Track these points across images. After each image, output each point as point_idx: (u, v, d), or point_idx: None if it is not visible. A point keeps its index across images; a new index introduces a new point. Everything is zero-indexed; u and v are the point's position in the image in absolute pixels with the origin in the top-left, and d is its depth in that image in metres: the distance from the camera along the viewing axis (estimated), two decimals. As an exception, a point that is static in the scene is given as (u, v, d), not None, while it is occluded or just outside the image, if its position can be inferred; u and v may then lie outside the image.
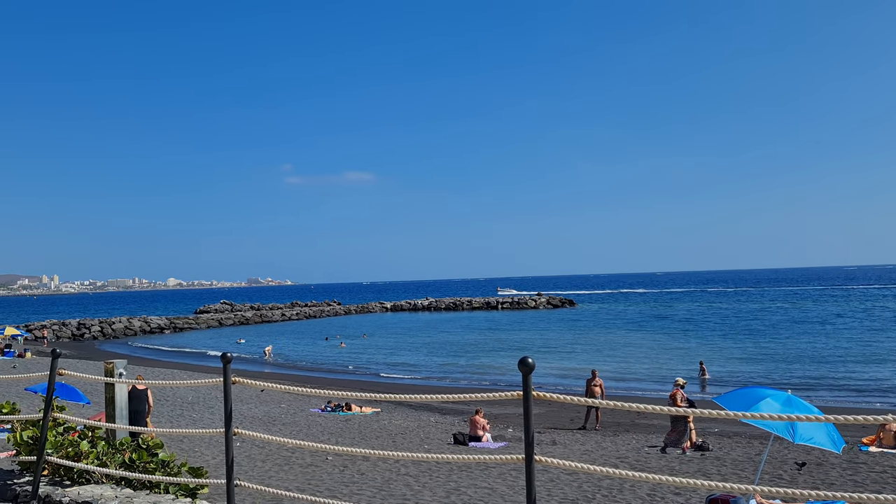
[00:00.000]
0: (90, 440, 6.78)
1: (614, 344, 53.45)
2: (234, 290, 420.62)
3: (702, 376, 34.59)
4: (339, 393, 5.68)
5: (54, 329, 73.95)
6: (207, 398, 27.42)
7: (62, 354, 6.96)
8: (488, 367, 42.33)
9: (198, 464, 8.60)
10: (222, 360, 5.44)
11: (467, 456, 4.62)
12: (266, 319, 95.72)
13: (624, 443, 19.93)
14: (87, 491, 6.17)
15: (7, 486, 6.55)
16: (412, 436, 20.84)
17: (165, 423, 21.31)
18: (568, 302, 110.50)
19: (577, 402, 4.32)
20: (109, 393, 8.28)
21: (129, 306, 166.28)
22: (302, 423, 22.68)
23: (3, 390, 24.98)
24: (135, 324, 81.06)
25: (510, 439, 20.62)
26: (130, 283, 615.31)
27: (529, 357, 3.82)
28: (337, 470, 14.27)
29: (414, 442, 19.78)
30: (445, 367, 43.26)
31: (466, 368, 42.58)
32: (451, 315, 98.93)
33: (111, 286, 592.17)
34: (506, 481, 13.09)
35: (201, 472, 6.59)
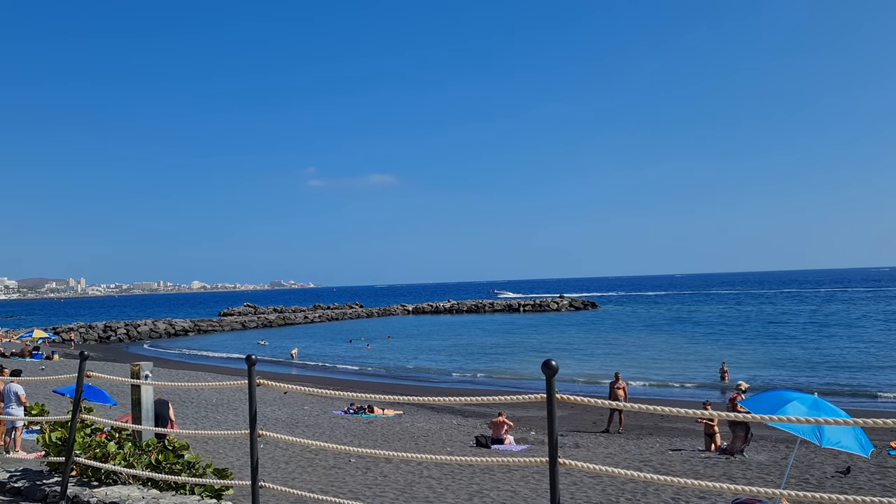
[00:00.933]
0: (117, 441, 6.86)
1: (637, 346, 53.08)
2: (257, 293, 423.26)
3: (722, 379, 34.19)
4: (361, 395, 5.69)
5: (81, 332, 74.87)
6: (231, 400, 27.61)
7: (89, 357, 7.05)
8: (511, 370, 42.22)
9: (222, 465, 8.67)
10: (247, 363, 5.47)
11: (490, 458, 4.61)
12: (289, 322, 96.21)
13: (647, 446, 19.78)
14: (115, 492, 6.24)
15: (36, 487, 6.64)
16: (434, 438, 20.83)
17: (190, 424, 21.49)
18: (590, 304, 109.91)
19: (601, 405, 4.30)
20: (135, 395, 8.35)
21: (154, 309, 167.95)
22: (325, 426, 22.77)
23: (32, 392, 25.30)
24: (160, 326, 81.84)
25: (533, 442, 20.55)
26: (155, 286, 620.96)
27: (553, 360, 3.81)
28: (360, 472, 14.31)
29: (436, 444, 19.77)
30: (468, 370, 43.20)
31: (488, 371, 42.48)
32: (473, 317, 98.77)
33: (136, 289, 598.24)
34: (528, 484, 13.05)
35: (226, 474, 6.64)
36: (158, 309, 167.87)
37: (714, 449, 18.32)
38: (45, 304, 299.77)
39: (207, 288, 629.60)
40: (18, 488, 6.74)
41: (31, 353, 47.27)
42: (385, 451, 5.50)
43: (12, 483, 6.83)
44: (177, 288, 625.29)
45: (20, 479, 6.89)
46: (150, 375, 8.04)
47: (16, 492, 6.75)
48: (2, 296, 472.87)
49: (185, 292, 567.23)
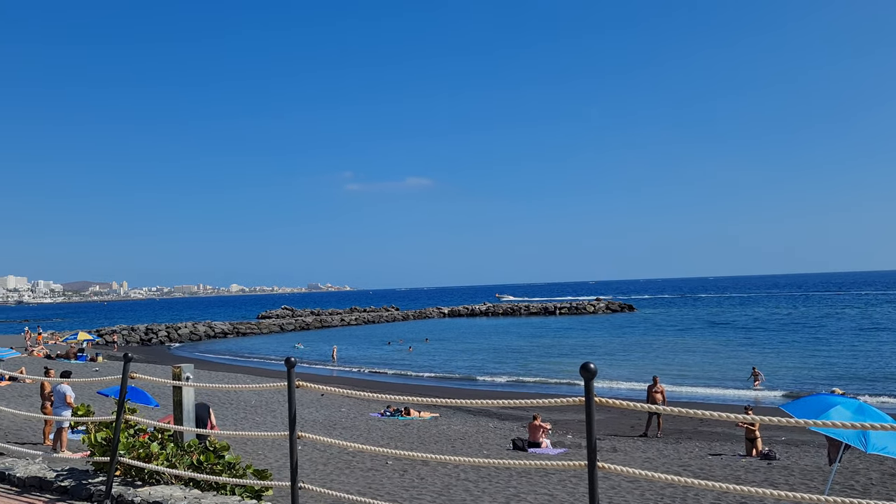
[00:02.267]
0: (160, 442, 6.99)
1: (675, 349, 52.44)
2: (294, 296, 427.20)
3: (754, 382, 33.49)
4: (397, 397, 5.73)
5: (123, 334, 76.33)
6: (270, 402, 27.90)
7: (133, 358, 7.19)
8: (547, 373, 42.00)
9: (262, 466, 8.77)
10: (287, 365, 5.54)
11: (527, 461, 4.61)
12: (326, 324, 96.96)
13: (686, 450, 19.54)
14: (158, 491, 6.36)
15: (82, 486, 6.80)
16: (471, 441, 20.82)
17: (229, 426, 21.78)
18: (627, 307, 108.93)
19: (640, 409, 4.26)
20: (177, 396, 8.51)
21: (194, 312, 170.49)
22: (362, 428, 22.89)
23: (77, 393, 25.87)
24: (200, 329, 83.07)
25: (569, 445, 20.43)
26: (195, 288, 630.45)
27: (591, 362, 3.79)
28: (397, 474, 14.36)
29: (472, 447, 19.76)
30: (504, 372, 43.08)
31: (525, 373, 42.31)
32: (509, 320, 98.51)
33: (177, 292, 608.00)
34: (566, 488, 12.97)
35: (266, 475, 6.72)
36: (198, 311, 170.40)
37: (755, 454, 18.03)
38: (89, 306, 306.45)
39: (246, 291, 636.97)
40: (65, 487, 6.90)
41: (75, 355, 48.34)
42: (422, 454, 5.53)
43: (59, 482, 6.99)
44: (216, 291, 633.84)
45: (67, 478, 7.05)
46: (192, 377, 8.18)
47: (63, 490, 6.91)
48: (48, 299, 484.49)
49: (224, 295, 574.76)
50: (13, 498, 6.93)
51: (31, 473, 7.35)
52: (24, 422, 20.85)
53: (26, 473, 7.38)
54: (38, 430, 19.56)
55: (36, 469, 7.51)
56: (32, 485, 7.23)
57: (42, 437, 18.41)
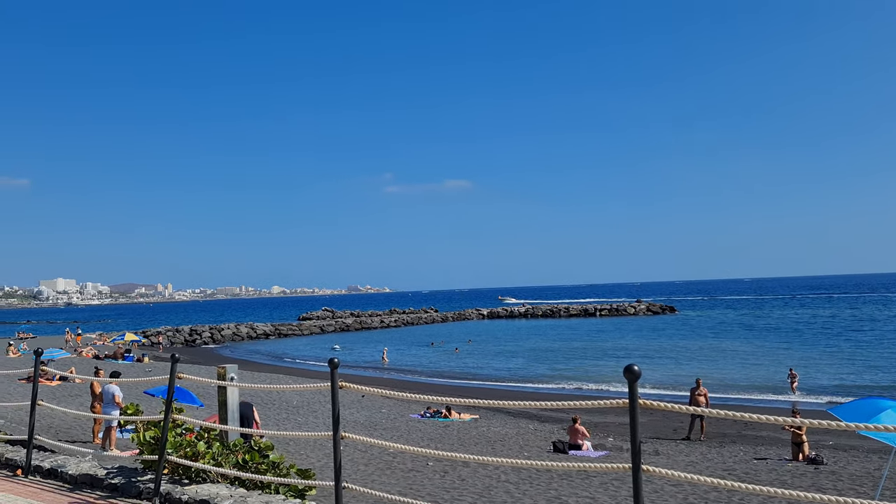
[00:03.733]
0: (206, 441, 7.12)
1: (717, 351, 51.61)
2: (334, 298, 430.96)
3: (792, 384, 32.65)
4: (437, 398, 5.75)
5: (168, 335, 77.78)
6: (311, 402, 28.19)
7: (180, 359, 7.34)
8: (587, 374, 41.69)
9: (303, 466, 8.88)
10: (330, 366, 5.59)
11: (570, 463, 4.59)
12: (366, 326, 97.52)
13: (731, 454, 19.22)
14: (205, 489, 6.48)
15: (132, 483, 6.96)
16: (511, 443, 20.77)
17: (272, 426, 22.05)
18: (668, 308, 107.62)
19: (685, 411, 4.22)
20: (222, 396, 8.65)
21: (237, 313, 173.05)
22: (402, 429, 22.99)
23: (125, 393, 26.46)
24: (242, 330, 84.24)
25: (611, 448, 20.25)
26: (237, 290, 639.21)
27: (635, 364, 3.76)
28: (438, 475, 14.40)
29: (513, 449, 19.71)
30: (544, 374, 42.89)
31: (565, 375, 42.06)
32: (548, 322, 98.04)
33: (220, 294, 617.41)
34: (608, 491, 12.88)
35: (309, 474, 6.80)
36: (240, 313, 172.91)
37: (802, 458, 17.66)
38: (135, 308, 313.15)
39: (287, 293, 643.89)
40: (115, 484, 7.07)
41: (123, 356, 49.44)
42: (464, 455, 5.54)
43: (109, 479, 7.17)
44: (258, 293, 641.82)
45: (117, 476, 7.22)
46: (236, 378, 8.32)
47: (113, 488, 7.09)
48: (95, 300, 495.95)
49: (266, 297, 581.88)
50: (66, 494, 7.13)
51: (83, 471, 7.55)
52: (73, 420, 21.40)
53: (78, 471, 7.58)
54: (88, 428, 20.06)
55: (87, 467, 7.71)
56: (84, 482, 7.43)
57: (91, 435, 18.86)
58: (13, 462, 8.42)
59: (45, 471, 7.96)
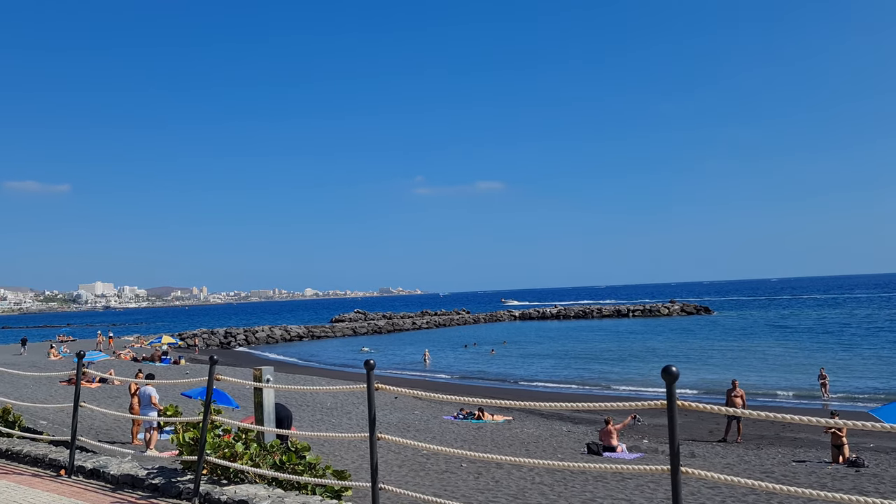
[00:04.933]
0: (244, 442, 7.20)
1: (753, 353, 50.87)
2: (366, 300, 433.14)
3: (821, 387, 31.96)
4: (470, 399, 5.75)
5: (204, 337, 78.77)
6: (345, 404, 28.36)
7: (218, 361, 7.45)
8: (621, 376, 41.38)
9: (338, 467, 8.95)
10: (366, 368, 5.63)
11: (605, 465, 4.57)
12: (398, 328, 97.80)
13: (768, 456, 18.94)
14: (243, 490, 6.56)
15: (172, 484, 7.07)
16: (545, 444, 20.70)
17: (307, 427, 22.22)
18: (703, 309, 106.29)
19: (724, 412, 4.18)
20: (258, 398, 8.75)
21: (270, 315, 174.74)
22: (435, 430, 23.02)
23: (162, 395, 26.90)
24: (276, 332, 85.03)
25: (646, 450, 20.07)
26: (271, 293, 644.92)
27: (673, 365, 3.74)
28: (472, 477, 14.40)
29: (547, 451, 19.63)
30: (577, 376, 42.66)
31: (598, 376, 41.80)
32: (581, 323, 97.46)
33: (254, 296, 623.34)
34: (643, 493, 12.77)
35: (345, 475, 6.85)
36: (274, 315, 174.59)
37: (842, 461, 17.34)
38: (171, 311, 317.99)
39: (319, 295, 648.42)
40: (156, 485, 7.19)
41: (160, 358, 50.22)
42: (497, 456, 5.55)
43: (150, 479, 7.29)
44: (291, 295, 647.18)
45: (157, 476, 7.34)
46: (272, 379, 8.41)
47: (153, 488, 7.21)
48: (132, 304, 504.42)
49: (299, 299, 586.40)
50: (108, 494, 7.26)
51: (124, 471, 7.69)
52: (113, 422, 21.80)
53: (119, 471, 7.72)
54: (127, 429, 20.41)
55: (128, 467, 7.85)
56: (125, 482, 7.56)
57: (130, 436, 19.19)
58: (57, 462, 8.60)
59: (87, 471, 8.12)
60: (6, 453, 9.53)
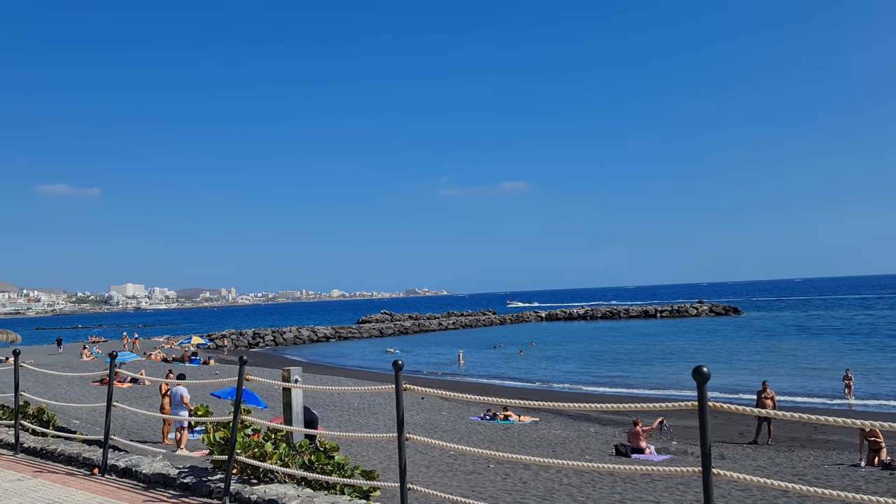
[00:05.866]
0: (273, 442, 7.27)
1: (782, 354, 50.18)
2: (393, 301, 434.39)
3: (846, 388, 31.32)
4: (497, 400, 5.74)
5: (232, 338, 79.50)
6: (372, 404, 28.46)
7: (247, 362, 7.52)
8: (648, 377, 41.04)
9: (366, 467, 8.98)
10: (394, 368, 5.64)
11: (635, 467, 4.54)
12: (424, 329, 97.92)
13: (800, 459, 18.68)
14: (273, 489, 6.62)
15: (202, 483, 7.16)
16: (572, 446, 20.60)
17: (334, 427, 22.34)
18: (732, 310, 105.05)
19: (756, 414, 4.13)
20: (286, 398, 8.83)
21: (298, 316, 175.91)
22: (462, 431, 23.02)
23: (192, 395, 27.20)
24: (303, 333, 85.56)
25: (675, 452, 19.90)
26: (298, 294, 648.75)
27: (704, 366, 3.70)
28: (499, 478, 14.38)
29: (574, 452, 19.54)
30: (605, 376, 42.38)
31: (626, 377, 41.48)
32: (608, 324, 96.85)
33: (281, 297, 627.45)
34: (673, 495, 12.66)
35: (373, 476, 6.88)
36: (301, 316, 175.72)
37: (877, 463, 17.04)
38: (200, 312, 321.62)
39: (346, 296, 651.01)
40: (187, 483, 7.29)
41: (189, 359, 50.78)
42: (525, 457, 5.53)
43: (182, 479, 7.39)
44: (318, 296, 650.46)
45: (188, 475, 7.44)
46: (300, 380, 8.48)
47: (185, 487, 7.30)
48: (162, 305, 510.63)
49: (326, 300, 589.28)
50: (141, 493, 7.37)
51: (156, 470, 7.80)
52: (144, 421, 22.09)
53: (151, 470, 7.83)
54: (158, 429, 20.67)
55: (160, 466, 7.96)
56: (157, 481, 7.67)
57: (161, 436, 19.43)
58: (90, 461, 8.75)
59: (120, 470, 8.24)
60: (41, 452, 9.71)
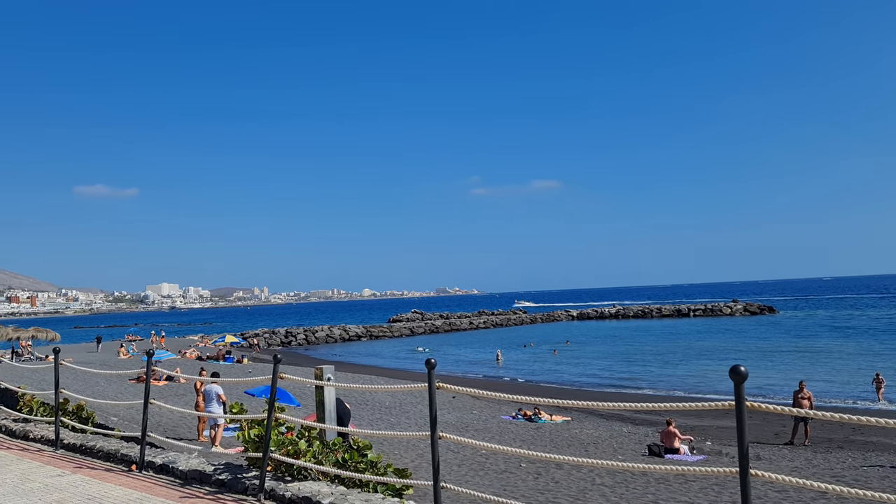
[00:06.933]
0: (306, 440, 7.32)
1: (819, 353, 49.31)
2: (423, 300, 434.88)
3: (878, 390, 30.55)
4: (529, 399, 5.72)
5: (265, 337, 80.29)
6: (403, 403, 28.54)
7: (281, 360, 7.59)
8: (683, 376, 40.61)
9: (398, 465, 9.01)
10: (427, 367, 5.65)
11: (670, 467, 4.49)
12: (455, 328, 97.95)
13: (838, 460, 18.34)
14: (306, 487, 6.67)
15: (237, 480, 7.24)
16: (604, 446, 20.47)
17: (366, 426, 22.45)
18: (767, 308, 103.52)
19: (795, 413, 4.07)
20: (319, 396, 8.91)
21: (329, 315, 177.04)
22: (493, 430, 22.99)
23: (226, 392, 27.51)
24: (335, 332, 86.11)
25: (709, 452, 19.66)
26: (330, 293, 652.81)
27: (741, 365, 3.65)
28: (531, 477, 14.34)
29: (607, 452, 19.41)
30: (636, 375, 42.03)
31: (658, 377, 41.10)
32: (640, 323, 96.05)
33: (313, 297, 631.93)
34: (707, 496, 12.52)
35: (406, 474, 6.90)
36: (333, 315, 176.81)
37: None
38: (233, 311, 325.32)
39: (377, 295, 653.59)
40: (223, 480, 7.37)
41: (223, 357, 51.38)
42: (557, 456, 5.50)
43: (217, 476, 7.48)
44: (349, 295, 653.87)
45: (224, 472, 7.53)
46: (333, 378, 8.54)
47: (220, 483, 7.39)
48: (197, 304, 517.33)
49: (357, 299, 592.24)
50: (177, 489, 7.48)
51: (192, 467, 7.91)
52: (179, 419, 22.40)
53: (188, 466, 7.94)
54: (193, 426, 20.96)
55: (196, 463, 8.06)
56: (193, 477, 7.77)
57: (196, 433, 19.69)
58: (128, 458, 8.89)
59: (157, 466, 8.37)
60: (80, 448, 9.90)
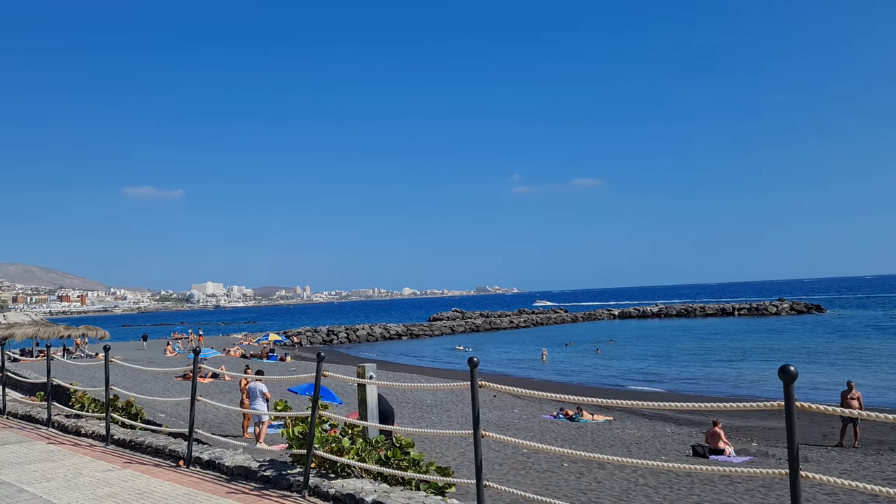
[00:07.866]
0: (350, 437, 7.39)
1: (869, 353, 48.06)
2: (463, 298, 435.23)
3: None
4: (570, 398, 5.68)
5: (307, 335, 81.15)
6: (444, 402, 28.59)
7: (325, 358, 7.68)
8: (728, 376, 39.96)
9: (440, 464, 9.04)
10: (469, 365, 5.66)
11: (715, 468, 4.43)
12: (495, 326, 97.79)
13: (889, 463, 17.87)
14: (350, 484, 6.74)
15: (282, 476, 7.34)
16: (647, 446, 20.24)
17: (407, 424, 22.54)
18: (815, 307, 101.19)
19: (847, 414, 3.98)
20: (361, 394, 8.97)
21: (370, 314, 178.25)
22: (535, 429, 22.91)
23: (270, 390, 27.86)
24: (376, 330, 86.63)
25: (755, 454, 19.32)
26: (370, 292, 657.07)
27: (791, 365, 3.58)
28: (573, 476, 14.26)
29: (650, 452, 19.19)
30: (680, 375, 41.48)
31: (705, 376, 40.49)
32: (683, 322, 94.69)
33: (354, 296, 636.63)
34: (753, 498, 12.31)
35: (448, 472, 6.92)
36: (374, 314, 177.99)
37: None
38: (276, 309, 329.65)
39: (417, 294, 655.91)
40: (268, 476, 7.49)
41: (267, 355, 52.07)
42: (600, 456, 5.46)
43: (262, 472, 7.60)
44: (389, 294, 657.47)
45: (268, 469, 7.64)
46: (375, 376, 8.59)
47: (265, 479, 7.50)
48: (240, 303, 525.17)
49: (397, 298, 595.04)
50: (223, 484, 7.62)
51: (238, 463, 8.04)
52: (224, 416, 22.77)
53: (233, 463, 8.08)
54: (238, 423, 21.28)
55: (241, 459, 8.20)
56: (239, 473, 7.91)
57: (241, 430, 20.00)
58: (176, 453, 9.08)
59: (203, 462, 8.53)
60: (129, 443, 10.13)
